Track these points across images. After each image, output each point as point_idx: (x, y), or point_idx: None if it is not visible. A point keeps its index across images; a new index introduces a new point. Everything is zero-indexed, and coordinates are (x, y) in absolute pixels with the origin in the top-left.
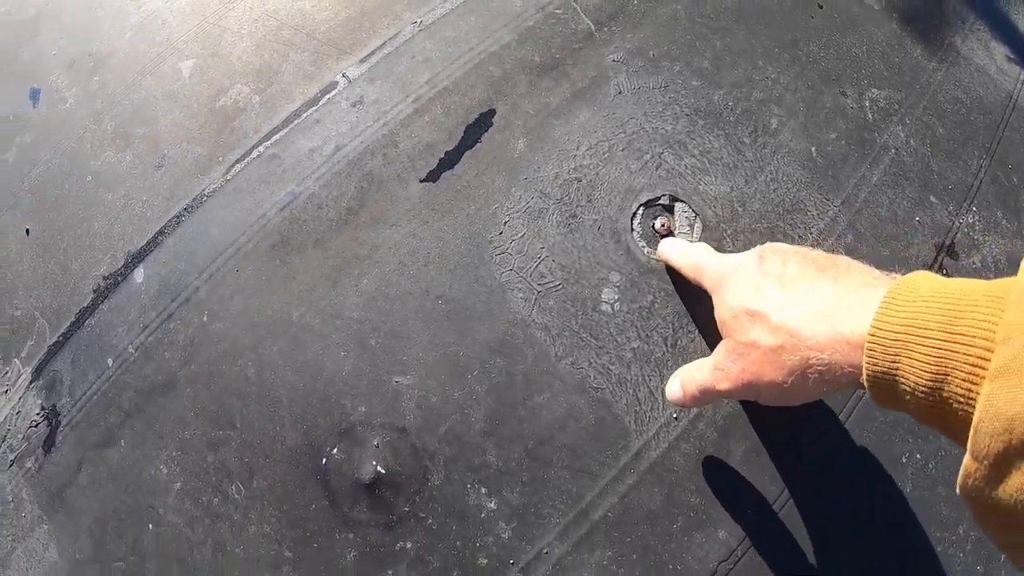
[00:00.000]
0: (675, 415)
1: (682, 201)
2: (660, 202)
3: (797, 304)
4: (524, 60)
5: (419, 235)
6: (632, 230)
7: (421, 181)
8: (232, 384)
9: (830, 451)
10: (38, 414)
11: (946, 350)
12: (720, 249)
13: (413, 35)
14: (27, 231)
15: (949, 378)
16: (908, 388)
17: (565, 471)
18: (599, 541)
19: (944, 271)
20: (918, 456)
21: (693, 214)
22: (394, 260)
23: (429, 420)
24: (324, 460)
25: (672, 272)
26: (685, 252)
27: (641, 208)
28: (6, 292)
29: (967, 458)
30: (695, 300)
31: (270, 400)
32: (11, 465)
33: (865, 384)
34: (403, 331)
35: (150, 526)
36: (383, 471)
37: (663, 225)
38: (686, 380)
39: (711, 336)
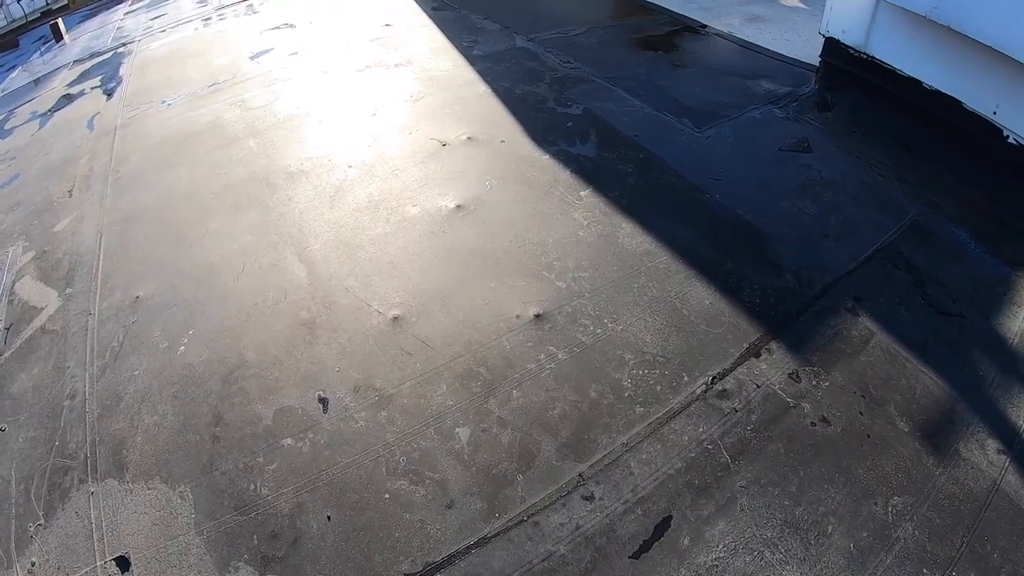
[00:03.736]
0: None
1: None
2: None
3: None
4: (689, 482)
5: None
6: None
7: (629, 557)
8: None
9: None
10: None
11: None
12: None
13: (622, 453)
14: (328, 517)
15: None
16: None
17: None
18: None
19: None
20: None
21: None
22: None
23: None
24: None
25: None
26: None
27: None
28: (310, 559)
29: None
30: None
31: None
32: None
33: None
34: None
35: None
36: None
37: None
38: None
39: None
